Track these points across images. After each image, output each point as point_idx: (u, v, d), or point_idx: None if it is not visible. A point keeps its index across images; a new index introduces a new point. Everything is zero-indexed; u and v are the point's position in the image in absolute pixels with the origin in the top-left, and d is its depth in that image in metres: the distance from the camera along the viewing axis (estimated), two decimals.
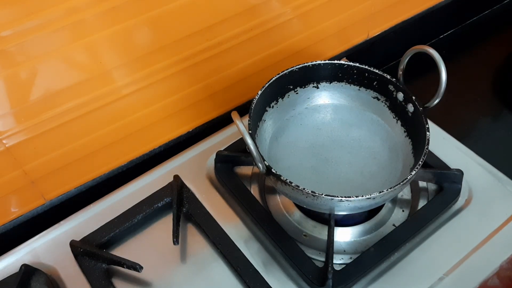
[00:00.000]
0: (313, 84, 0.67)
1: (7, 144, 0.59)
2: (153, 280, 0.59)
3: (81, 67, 0.59)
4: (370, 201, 0.52)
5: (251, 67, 0.76)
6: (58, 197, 0.69)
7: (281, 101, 0.66)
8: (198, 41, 0.67)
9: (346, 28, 0.84)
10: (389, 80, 0.62)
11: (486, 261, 0.59)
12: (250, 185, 0.68)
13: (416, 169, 0.53)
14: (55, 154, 0.64)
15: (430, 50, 0.55)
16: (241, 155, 0.68)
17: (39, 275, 0.58)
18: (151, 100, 0.69)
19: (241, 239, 0.62)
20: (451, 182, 0.65)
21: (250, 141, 0.52)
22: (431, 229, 0.62)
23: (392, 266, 0.59)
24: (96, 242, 0.61)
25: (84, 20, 0.55)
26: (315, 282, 0.56)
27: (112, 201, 0.67)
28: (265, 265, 0.60)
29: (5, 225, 0.66)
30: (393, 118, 0.65)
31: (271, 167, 0.54)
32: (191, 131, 0.77)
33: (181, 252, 0.62)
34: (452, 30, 1.03)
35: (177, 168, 0.71)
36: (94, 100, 0.63)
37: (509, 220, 0.63)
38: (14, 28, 0.51)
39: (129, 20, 0.59)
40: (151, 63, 0.65)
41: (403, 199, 0.66)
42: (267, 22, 0.72)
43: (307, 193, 0.52)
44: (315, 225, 0.63)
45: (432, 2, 0.95)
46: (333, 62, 0.65)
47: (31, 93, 0.57)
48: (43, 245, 0.63)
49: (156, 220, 0.65)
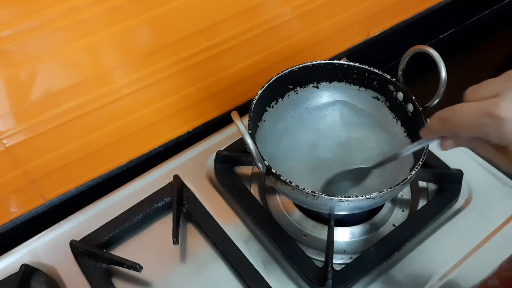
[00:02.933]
0: (313, 84, 0.67)
1: (7, 144, 0.59)
2: (153, 280, 0.59)
3: (81, 67, 0.59)
4: (370, 201, 0.52)
5: (251, 67, 0.76)
6: (58, 197, 0.69)
7: (281, 101, 0.66)
8: (198, 41, 0.67)
9: (346, 28, 0.84)
10: (389, 80, 0.62)
11: (486, 261, 0.59)
12: (250, 185, 0.68)
13: (416, 169, 0.53)
14: (55, 154, 0.64)
15: (430, 50, 0.55)
16: (241, 155, 0.68)
17: (39, 275, 0.58)
18: (151, 100, 0.69)
19: (241, 239, 0.62)
20: (451, 182, 0.65)
21: (250, 141, 0.52)
22: (431, 229, 0.62)
23: (392, 266, 0.59)
24: (96, 242, 0.61)
25: (84, 20, 0.55)
26: (315, 282, 0.56)
27: (112, 201, 0.67)
28: (265, 265, 0.60)
29: (5, 225, 0.66)
30: (393, 118, 0.65)
31: (271, 167, 0.54)
32: (191, 131, 0.77)
33: (181, 252, 0.62)
34: (452, 30, 1.03)
35: (177, 168, 0.71)
36: (94, 100, 0.63)
37: (509, 220, 0.63)
38: (14, 28, 0.51)
39: (129, 20, 0.59)
40: (151, 63, 0.65)
41: (403, 199, 0.66)
42: (267, 22, 0.72)
43: (307, 193, 0.52)
44: (315, 225, 0.63)
45: (432, 2, 0.95)
46: (333, 62, 0.65)
47: (31, 93, 0.57)
48: (43, 245, 0.63)
49: (156, 220, 0.65)
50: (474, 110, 0.39)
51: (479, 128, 0.39)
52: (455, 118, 0.40)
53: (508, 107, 0.37)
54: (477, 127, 0.39)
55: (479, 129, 0.39)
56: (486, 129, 0.39)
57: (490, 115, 0.37)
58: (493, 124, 0.38)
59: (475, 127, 0.39)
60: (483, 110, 0.38)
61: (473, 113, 0.39)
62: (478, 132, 0.39)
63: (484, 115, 0.38)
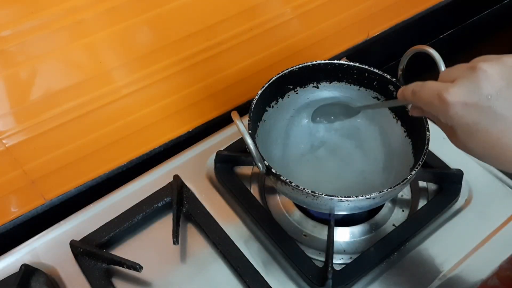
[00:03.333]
0: (313, 84, 0.67)
1: (7, 144, 0.59)
2: (153, 280, 0.59)
3: (81, 67, 0.59)
4: (370, 201, 0.52)
5: (251, 67, 0.76)
6: (58, 197, 0.69)
7: (281, 101, 0.66)
8: (198, 41, 0.67)
9: (346, 28, 0.84)
10: (389, 80, 0.62)
11: (486, 261, 0.59)
12: (250, 185, 0.68)
13: (416, 169, 0.53)
14: (55, 154, 0.64)
15: (430, 50, 0.55)
16: (241, 155, 0.68)
17: (39, 275, 0.58)
18: (151, 100, 0.69)
19: (241, 239, 0.62)
20: (451, 182, 0.65)
21: (250, 141, 0.52)
22: (431, 229, 0.62)
23: (392, 266, 0.59)
24: (96, 242, 0.61)
25: (84, 20, 0.55)
26: (315, 282, 0.56)
27: (112, 201, 0.67)
28: (265, 265, 0.60)
29: (5, 225, 0.66)
30: (393, 118, 0.65)
31: (271, 167, 0.54)
32: (191, 131, 0.77)
33: (181, 252, 0.62)
34: (452, 30, 1.03)
35: (177, 168, 0.71)
36: (94, 100, 0.63)
37: (509, 220, 0.63)
38: (14, 28, 0.51)
39: (129, 20, 0.59)
40: (151, 63, 0.65)
41: (403, 199, 0.66)
42: (267, 22, 0.72)
43: (307, 193, 0.52)
44: (315, 225, 0.63)
45: (432, 2, 0.95)
46: (333, 62, 0.65)
47: (31, 93, 0.57)
48: (43, 245, 0.63)
49: (156, 220, 0.65)
50: (432, 89, 0.42)
51: (431, 107, 0.42)
52: (420, 92, 0.44)
53: (456, 93, 0.40)
54: (429, 106, 0.42)
55: (430, 108, 0.43)
56: (435, 109, 0.42)
57: (440, 97, 0.41)
58: (440, 106, 0.41)
59: (428, 105, 0.43)
60: (436, 92, 0.41)
61: (430, 93, 0.42)
62: (431, 111, 0.43)
63: (436, 96, 0.41)
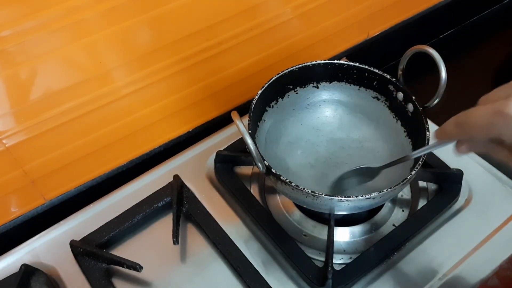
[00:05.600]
0: (313, 84, 0.67)
1: (7, 144, 0.59)
2: (153, 280, 0.59)
3: (81, 67, 0.59)
4: (370, 201, 0.52)
5: (251, 67, 0.76)
6: (58, 197, 0.69)
7: (281, 101, 0.66)
8: (198, 41, 0.67)
9: (346, 28, 0.84)
10: (389, 80, 0.62)
11: (486, 261, 0.59)
12: (250, 185, 0.68)
13: (416, 169, 0.53)
14: (55, 154, 0.64)
15: (430, 50, 0.55)
16: (241, 155, 0.68)
17: (39, 275, 0.58)
18: (151, 100, 0.69)
19: (241, 239, 0.62)
20: (451, 182, 0.65)
21: (250, 141, 0.52)
22: (431, 229, 0.62)
23: (392, 266, 0.59)
24: (96, 242, 0.61)
25: (84, 20, 0.55)
26: (315, 282, 0.56)
27: (112, 201, 0.67)
28: (265, 265, 0.60)
29: (5, 225, 0.66)
30: (393, 118, 0.65)
31: (271, 167, 0.54)
32: (191, 131, 0.77)
33: (181, 252, 0.62)
34: (452, 30, 1.03)
35: (177, 168, 0.71)
36: (94, 100, 0.63)
37: (509, 220, 0.63)
38: (14, 28, 0.51)
39: (129, 20, 0.59)
40: (151, 63, 0.65)
41: (403, 199, 0.66)
42: (267, 22, 0.72)
43: (307, 193, 0.52)
44: (315, 225, 0.63)
45: (432, 2, 0.95)
46: (333, 62, 0.65)
47: (31, 93, 0.57)
48: (43, 245, 0.63)
49: (156, 220, 0.65)
50: (485, 111, 0.39)
51: (491, 128, 0.39)
52: (468, 121, 0.41)
53: None
54: (489, 127, 0.39)
55: (491, 129, 0.39)
56: (497, 128, 0.39)
57: (501, 113, 0.38)
58: (504, 122, 0.38)
59: (487, 128, 0.40)
60: (494, 110, 0.39)
61: (485, 115, 0.39)
62: (491, 132, 0.40)
63: (495, 114, 0.39)
